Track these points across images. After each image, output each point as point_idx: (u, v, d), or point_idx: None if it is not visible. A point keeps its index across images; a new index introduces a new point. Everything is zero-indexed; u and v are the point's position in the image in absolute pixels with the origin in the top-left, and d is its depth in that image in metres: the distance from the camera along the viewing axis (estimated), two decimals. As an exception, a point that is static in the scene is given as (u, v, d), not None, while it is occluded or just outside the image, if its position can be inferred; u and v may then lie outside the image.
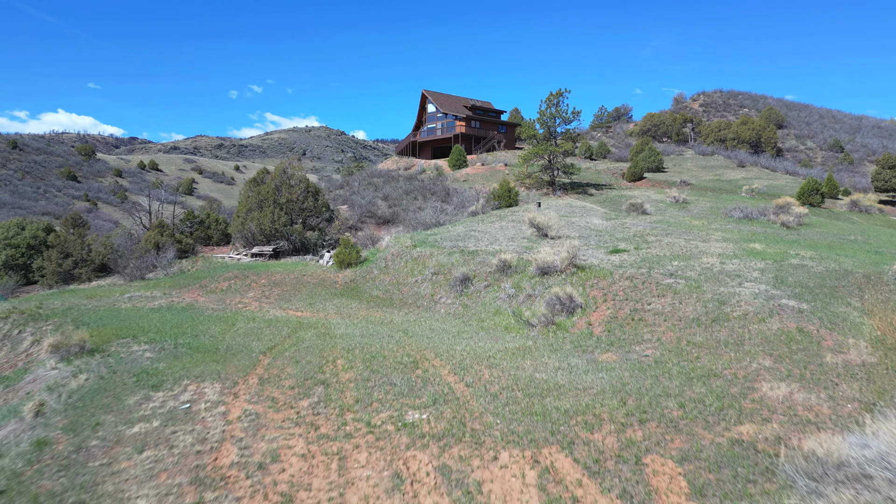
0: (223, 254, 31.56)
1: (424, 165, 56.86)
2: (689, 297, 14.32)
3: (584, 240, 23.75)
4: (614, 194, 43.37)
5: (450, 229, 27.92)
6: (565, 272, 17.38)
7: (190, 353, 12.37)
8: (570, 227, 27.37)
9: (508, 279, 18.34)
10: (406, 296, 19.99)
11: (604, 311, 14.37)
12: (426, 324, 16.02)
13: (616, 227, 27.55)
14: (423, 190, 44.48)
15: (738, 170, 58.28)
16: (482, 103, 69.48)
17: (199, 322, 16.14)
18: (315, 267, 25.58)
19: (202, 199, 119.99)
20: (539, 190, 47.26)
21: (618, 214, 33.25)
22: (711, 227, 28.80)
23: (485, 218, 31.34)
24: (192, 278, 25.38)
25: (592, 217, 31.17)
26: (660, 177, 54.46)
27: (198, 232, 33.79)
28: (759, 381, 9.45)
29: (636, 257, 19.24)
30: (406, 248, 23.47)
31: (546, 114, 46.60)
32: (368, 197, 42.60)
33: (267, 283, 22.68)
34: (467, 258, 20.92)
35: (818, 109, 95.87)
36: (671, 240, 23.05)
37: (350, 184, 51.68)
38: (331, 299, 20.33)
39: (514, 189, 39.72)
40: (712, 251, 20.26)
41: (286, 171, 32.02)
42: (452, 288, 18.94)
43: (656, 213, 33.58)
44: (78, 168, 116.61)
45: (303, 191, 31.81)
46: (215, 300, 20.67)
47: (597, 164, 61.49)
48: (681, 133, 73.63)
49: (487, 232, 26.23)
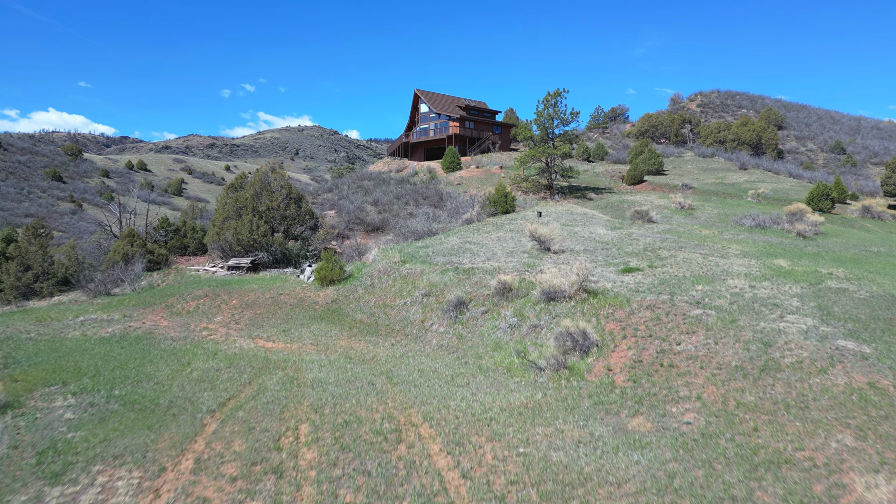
0: (199, 265, 29.04)
1: (417, 168, 54.44)
2: (724, 334, 12.01)
3: (589, 254, 21.44)
4: (615, 199, 41.12)
5: (443, 240, 25.54)
6: (575, 298, 15.05)
7: (121, 413, 9.95)
8: (574, 238, 25.06)
9: (509, 304, 15.99)
10: (393, 321, 17.60)
11: (624, 352, 12.03)
12: (415, 362, 13.64)
13: (623, 238, 25.27)
14: (414, 194, 42.06)
15: (740, 172, 56.23)
16: (476, 103, 67.10)
17: (150, 359, 13.69)
18: (294, 283, 23.13)
19: (191, 199, 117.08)
20: (536, 194, 44.97)
21: (622, 222, 30.97)
22: (724, 238, 26.59)
23: (480, 227, 28.99)
24: (160, 295, 22.89)
25: (596, 226, 28.88)
26: (660, 180, 52.30)
27: (173, 241, 31.25)
28: (847, 471, 7.14)
29: (652, 278, 16.93)
30: (394, 264, 21.06)
31: (543, 115, 44.29)
32: (357, 202, 40.15)
33: (238, 303, 20.21)
34: (462, 277, 18.55)
35: (816, 110, 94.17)
36: (687, 255, 20.78)
37: (339, 187, 49.21)
38: (309, 324, 17.91)
39: (510, 194, 37.40)
40: (736, 270, 17.99)
41: (267, 176, 29.52)
42: (446, 313, 16.58)
43: (663, 222, 31.34)
44: (64, 168, 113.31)
45: (285, 197, 29.33)
46: (179, 325, 18.20)
47: (595, 167, 59.29)
48: (679, 134, 71.55)
49: (484, 244, 23.87)
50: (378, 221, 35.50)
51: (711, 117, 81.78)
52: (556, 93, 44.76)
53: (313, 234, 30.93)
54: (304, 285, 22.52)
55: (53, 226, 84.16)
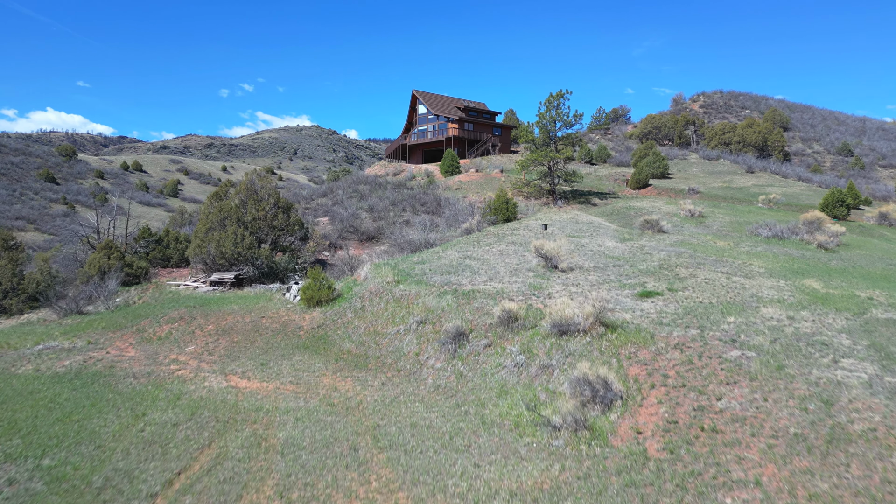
0: (181, 279, 27.06)
1: (414, 171, 52.45)
2: (773, 386, 10.08)
3: (600, 272, 19.49)
4: (621, 205, 39.18)
5: (440, 254, 23.58)
6: (590, 333, 13.09)
7: (42, 498, 8.00)
8: (582, 252, 23.11)
9: (515, 337, 14.03)
10: (385, 352, 15.64)
11: (654, 408, 10.08)
12: (407, 411, 11.68)
13: (634, 251, 23.32)
14: (411, 200, 40.09)
15: (747, 176, 54.30)
16: (476, 104, 65.10)
17: (100, 408, 11.73)
18: (279, 303, 21.14)
19: (187, 201, 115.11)
20: (538, 199, 43.02)
21: (631, 232, 29.02)
22: (742, 251, 24.66)
23: (481, 238, 27.02)
24: (134, 316, 20.90)
25: (604, 237, 26.92)
26: (665, 184, 50.35)
27: (154, 252, 29.25)
28: None
29: (675, 306, 14.98)
30: (387, 285, 19.08)
31: (546, 117, 42.31)
32: (352, 209, 38.17)
33: (215, 329, 18.22)
34: (462, 302, 16.58)
35: (820, 111, 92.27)
36: (707, 274, 18.83)
37: (334, 191, 47.21)
38: (290, 355, 15.94)
39: (511, 201, 35.45)
40: (767, 295, 16.05)
41: (254, 183, 27.53)
42: (443, 346, 14.62)
43: (674, 232, 29.39)
44: (58, 169, 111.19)
45: (272, 206, 27.34)
46: (146, 356, 16.23)
47: (597, 170, 57.32)
48: (683, 136, 69.61)
49: (485, 260, 21.90)
50: (373, 230, 33.53)
51: (714, 118, 79.88)
52: (558, 94, 42.80)
53: (303, 245, 28.95)
54: (289, 306, 20.54)
55: (44, 228, 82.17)
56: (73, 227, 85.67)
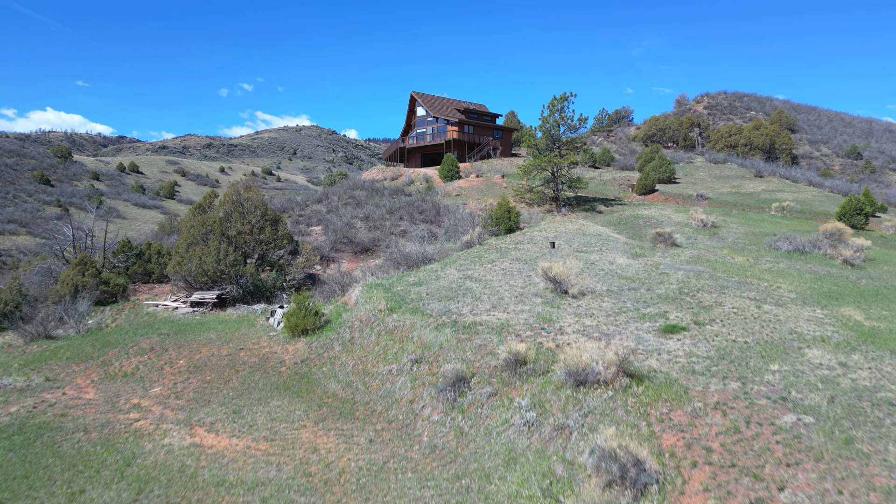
0: (162, 297, 25.11)
1: (413, 175, 50.47)
2: (845, 470, 8.13)
3: (615, 297, 17.53)
4: (628, 213, 37.20)
5: (439, 273, 21.60)
6: (612, 385, 11.14)
7: None
8: (592, 271, 21.15)
9: (524, 385, 12.08)
10: (375, 397, 13.68)
11: (700, 498, 8.13)
12: (396, 487, 9.72)
13: (649, 270, 21.37)
14: (409, 208, 38.11)
15: (756, 181, 52.31)
16: (476, 106, 63.09)
17: (31, 482, 9.79)
18: (262, 329, 19.18)
19: (184, 202, 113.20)
20: (541, 206, 41.05)
21: (643, 246, 27.07)
22: (763, 268, 22.73)
23: (482, 253, 25.05)
24: (103, 344, 18.94)
25: (614, 252, 24.96)
26: (672, 189, 48.39)
27: (135, 267, 27.29)
28: None
29: (707, 346, 13.02)
30: (379, 313, 17.11)
31: (549, 121, 40.33)
32: (346, 217, 36.19)
33: (187, 365, 16.26)
34: (462, 338, 14.62)
35: (826, 112, 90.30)
36: (734, 301, 16.87)
37: (329, 197, 45.23)
38: (268, 399, 13.98)
39: (514, 209, 33.49)
40: (806, 331, 14.10)
41: (239, 195, 25.55)
42: (441, 393, 12.67)
43: (688, 245, 27.42)
44: (52, 171, 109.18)
45: (259, 219, 25.37)
46: (105, 399, 14.28)
47: (601, 174, 55.34)
48: (688, 138, 67.61)
49: (487, 281, 19.92)
50: (368, 241, 31.56)
51: (719, 120, 77.89)
52: (562, 97, 40.82)
53: (293, 260, 26.98)
54: (272, 334, 18.58)
55: (37, 232, 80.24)
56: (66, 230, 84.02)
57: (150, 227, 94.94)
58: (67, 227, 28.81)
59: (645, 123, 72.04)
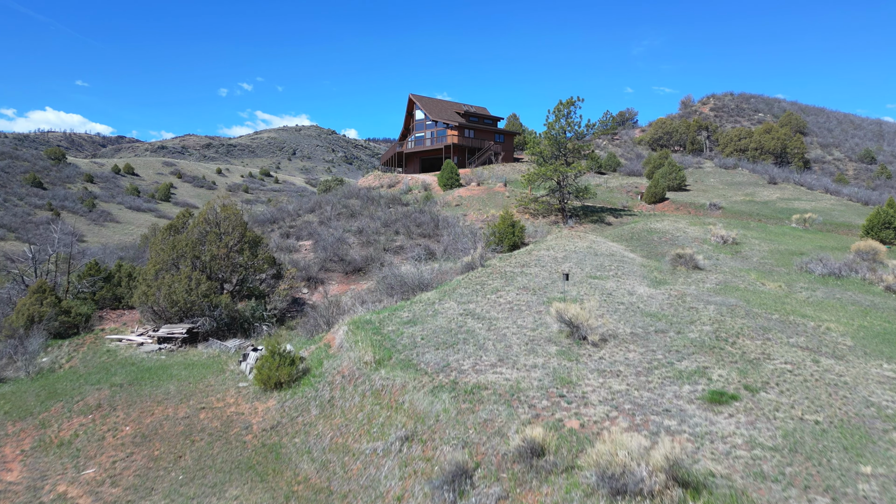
0: (126, 331, 22.39)
1: (411, 183, 47.69)
2: None
3: (642, 345, 14.81)
4: (640, 227, 34.43)
5: (436, 307, 18.86)
6: (661, 499, 8.42)
7: None
8: (610, 303, 18.42)
9: (543, 487, 9.36)
10: (355, 486, 10.96)
11: None
12: None
13: (675, 303, 18.62)
14: (406, 220, 35.36)
15: (769, 188, 49.54)
16: (477, 109, 60.26)
17: None
18: (230, 379, 16.45)
19: (180, 205, 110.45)
20: (546, 218, 38.30)
21: (661, 269, 24.33)
22: (801, 298, 20.02)
23: (485, 279, 22.30)
24: (49, 394, 16.22)
25: (632, 279, 22.22)
26: (683, 197, 45.64)
27: (103, 292, 24.56)
28: None
29: (770, 429, 10.29)
30: (365, 366, 14.37)
31: (555, 127, 37.53)
32: (339, 232, 33.43)
33: (133, 433, 13.52)
34: (462, 407, 11.89)
35: (834, 113, 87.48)
36: (784, 352, 14.13)
37: (322, 207, 42.48)
38: (224, 488, 11.24)
39: (518, 224, 30.75)
40: (883, 401, 11.37)
41: (215, 214, 22.81)
42: (436, 490, 9.95)
43: (711, 268, 24.68)
44: (45, 174, 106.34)
45: (237, 240, 22.63)
46: (28, 485, 11.56)
47: (608, 180, 52.57)
48: (695, 142, 64.79)
49: (492, 321, 17.17)
50: (360, 260, 28.79)
51: (726, 122, 75.08)
52: (568, 102, 38.03)
53: (276, 284, 24.26)
54: (241, 385, 15.85)
55: (26, 238, 77.46)
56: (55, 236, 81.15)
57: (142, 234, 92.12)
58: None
59: (651, 126, 69.20)
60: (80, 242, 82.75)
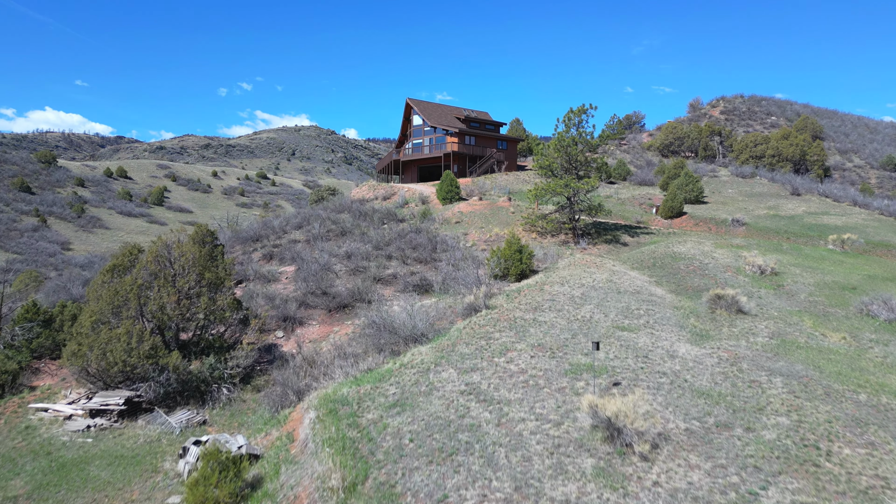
0: (60, 394, 18.41)
1: (407, 195, 43.66)
2: None
3: (703, 453, 10.82)
4: (662, 250, 30.40)
5: (430, 379, 14.86)
6: None
7: None
8: (648, 373, 14.43)
9: None
10: None
11: None
12: None
13: (730, 375, 14.61)
14: (400, 242, 31.36)
15: (792, 200, 45.49)
16: (478, 114, 56.16)
17: None
18: (160, 488, 12.46)
19: (173, 209, 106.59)
20: (555, 237, 34.31)
21: (697, 311, 20.33)
22: (875, 357, 16.06)
23: (490, 330, 18.27)
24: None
25: (668, 329, 18.21)
26: (701, 211, 41.62)
27: (41, 339, 20.57)
28: None
29: None
30: (330, 495, 10.36)
31: (566, 139, 33.48)
32: (324, 257, 29.43)
33: None
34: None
35: (847, 116, 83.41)
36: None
37: (310, 222, 38.51)
38: None
39: (526, 249, 26.79)
40: None
41: (168, 250, 18.78)
42: None
43: (757, 311, 20.68)
44: (35, 177, 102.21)
45: (194, 282, 18.61)
46: None
47: (618, 190, 48.51)
48: (708, 147, 60.71)
49: (502, 405, 13.16)
50: (346, 294, 24.77)
51: (738, 126, 70.97)
52: (580, 109, 34.02)
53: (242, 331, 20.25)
54: (171, 502, 11.85)
55: (9, 247, 73.50)
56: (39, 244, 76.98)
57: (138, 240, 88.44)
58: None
59: (661, 131, 65.10)
60: (66, 251, 78.78)
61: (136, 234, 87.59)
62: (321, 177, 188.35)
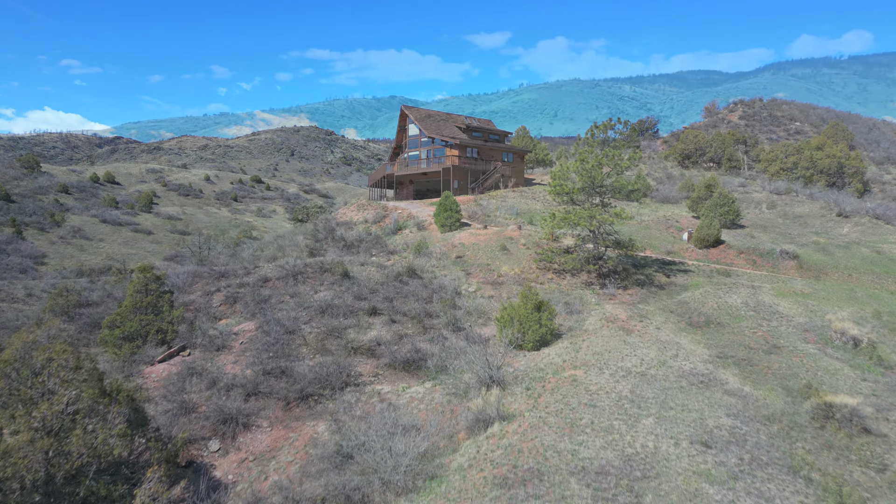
0: None
1: (400, 218, 37.19)
2: None
3: None
4: (711, 302, 23.96)
5: None
6: None
7: None
8: None
9: None
10: None
11: None
12: None
13: None
14: (387, 290, 24.94)
15: (840, 222, 39.03)
16: (480, 122, 49.60)
17: None
18: None
19: (161, 216, 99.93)
20: (576, 277, 27.89)
21: (799, 429, 13.95)
22: None
23: (507, 474, 11.92)
24: None
25: (772, 475, 11.83)
26: (740, 239, 35.13)
27: None
28: None
29: None
30: None
31: (589, 159, 26.98)
32: (292, 315, 23.00)
33: None
34: None
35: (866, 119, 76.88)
36: None
37: (285, 252, 32.11)
38: None
39: (545, 306, 20.45)
40: None
41: (30, 358, 12.33)
42: None
43: (883, 424, 14.30)
44: (15, 184, 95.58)
45: (73, 400, 12.17)
46: None
47: (640, 210, 42.00)
48: (733, 158, 54.20)
49: None
50: (311, 378, 18.32)
51: (759, 132, 64.37)
52: (605, 125, 27.59)
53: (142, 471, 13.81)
54: None
55: (-24, 262, 66.88)
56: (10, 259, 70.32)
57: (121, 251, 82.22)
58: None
59: (679, 140, 58.52)
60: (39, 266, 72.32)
61: (119, 245, 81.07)
62: (319, 178, 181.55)
